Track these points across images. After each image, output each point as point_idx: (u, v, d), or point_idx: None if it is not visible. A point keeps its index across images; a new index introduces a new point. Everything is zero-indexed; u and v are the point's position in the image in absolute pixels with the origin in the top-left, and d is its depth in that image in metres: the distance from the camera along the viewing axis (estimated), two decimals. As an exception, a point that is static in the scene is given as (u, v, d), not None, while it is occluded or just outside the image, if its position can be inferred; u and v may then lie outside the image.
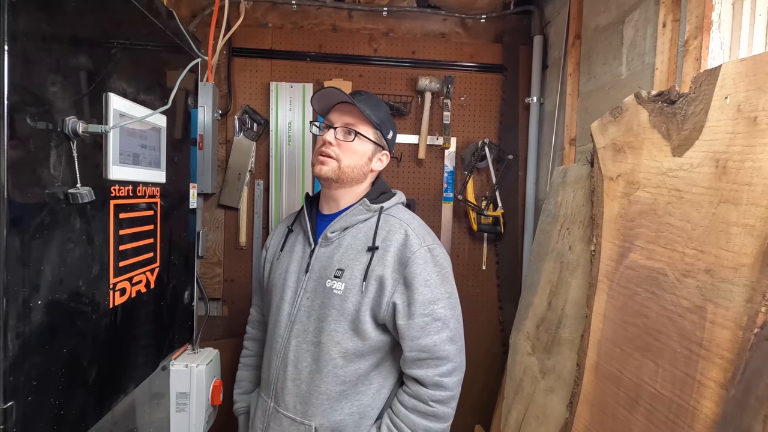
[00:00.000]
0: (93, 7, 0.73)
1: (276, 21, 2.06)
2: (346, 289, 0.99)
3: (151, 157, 0.93)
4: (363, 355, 1.01)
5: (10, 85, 0.56)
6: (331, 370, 0.99)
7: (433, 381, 0.97)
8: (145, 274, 0.94)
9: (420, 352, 0.97)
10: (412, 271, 0.98)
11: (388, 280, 0.98)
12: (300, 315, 1.04)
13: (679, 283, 0.85)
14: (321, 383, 0.99)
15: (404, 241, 1.00)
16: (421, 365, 0.98)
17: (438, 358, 0.97)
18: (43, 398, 0.65)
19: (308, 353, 1.01)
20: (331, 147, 1.05)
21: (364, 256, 1.01)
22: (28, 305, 0.61)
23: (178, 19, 1.04)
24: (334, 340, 0.99)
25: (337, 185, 1.08)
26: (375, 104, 1.13)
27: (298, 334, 1.03)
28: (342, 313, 0.99)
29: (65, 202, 0.67)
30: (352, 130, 1.07)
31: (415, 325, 0.96)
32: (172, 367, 1.16)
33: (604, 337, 1.01)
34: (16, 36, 0.57)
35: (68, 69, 0.67)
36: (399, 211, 1.10)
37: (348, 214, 1.06)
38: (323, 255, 1.06)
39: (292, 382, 1.02)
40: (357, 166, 1.07)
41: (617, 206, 1.06)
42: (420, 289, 0.97)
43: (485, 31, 2.13)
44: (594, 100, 1.61)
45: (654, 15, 1.30)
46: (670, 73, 1.21)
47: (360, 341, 1.00)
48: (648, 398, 0.87)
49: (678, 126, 0.95)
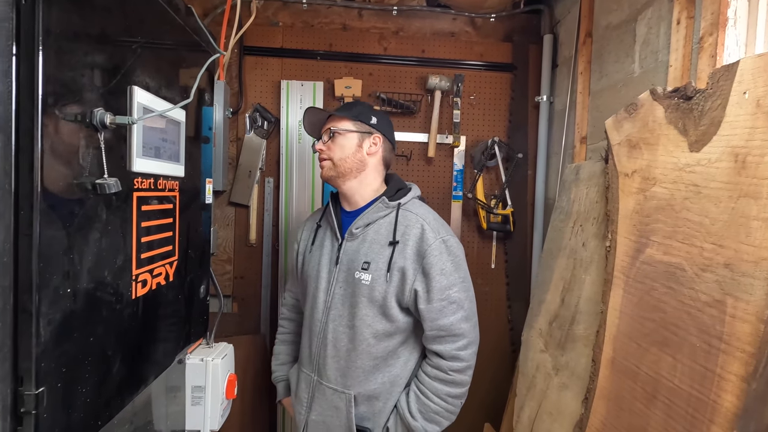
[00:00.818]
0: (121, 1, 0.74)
1: (287, 20, 2.07)
2: (373, 279, 1.14)
3: (171, 150, 0.94)
4: (391, 335, 1.16)
5: (44, 76, 0.57)
6: (364, 348, 1.15)
7: (451, 354, 1.12)
8: (165, 267, 0.95)
9: (439, 331, 1.12)
10: (429, 262, 1.11)
11: (409, 271, 1.12)
12: (335, 302, 1.19)
13: (698, 278, 0.85)
14: (357, 359, 1.16)
15: (421, 235, 1.14)
16: (441, 342, 1.13)
17: (454, 335, 1.12)
18: (71, 385, 0.65)
19: (344, 335, 1.17)
20: (323, 152, 1.22)
21: (386, 249, 1.15)
22: (59, 292, 0.62)
23: (196, 15, 1.05)
24: (365, 324, 1.15)
25: (341, 180, 1.22)
26: (350, 106, 1.30)
27: (335, 319, 1.19)
28: (371, 301, 1.14)
29: (93, 192, 0.68)
30: (331, 130, 1.22)
31: (433, 309, 1.11)
32: (188, 361, 1.17)
33: (620, 332, 1.01)
34: (50, 29, 0.58)
35: (96, 62, 0.69)
36: (415, 206, 1.21)
37: (369, 211, 1.20)
38: (350, 249, 1.20)
39: (332, 359, 1.18)
40: (348, 156, 1.20)
41: (633, 202, 1.06)
42: (437, 278, 1.11)
43: (495, 30, 2.13)
44: (606, 98, 1.62)
45: (668, 13, 1.30)
46: (685, 70, 1.21)
47: (388, 323, 1.15)
48: (666, 393, 0.87)
49: (695, 121, 0.95)
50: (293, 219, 2.03)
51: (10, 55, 0.54)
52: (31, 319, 0.57)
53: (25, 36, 0.56)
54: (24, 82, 0.56)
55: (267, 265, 2.05)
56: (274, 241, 2.05)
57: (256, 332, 2.07)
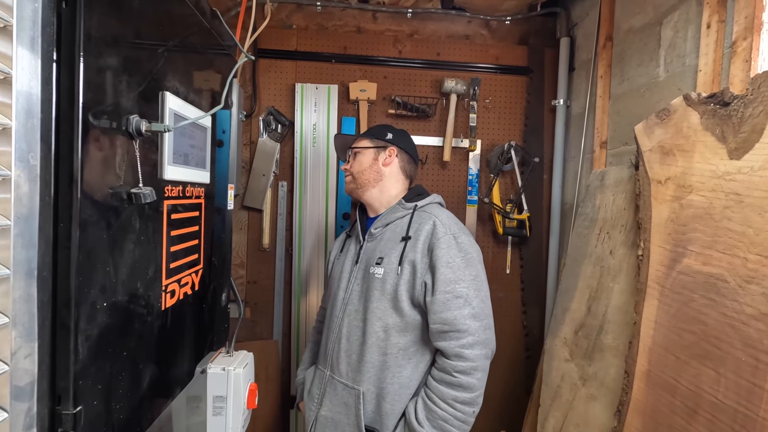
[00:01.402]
0: (154, 5, 0.72)
1: (300, 22, 2.05)
2: (385, 273, 1.17)
3: (198, 157, 0.92)
4: (401, 331, 1.16)
5: (85, 82, 0.55)
6: (374, 341, 1.16)
7: (455, 352, 1.08)
8: (191, 276, 0.93)
9: (443, 325, 1.10)
10: (437, 255, 1.12)
11: (419, 264, 1.14)
12: (352, 298, 1.24)
13: (742, 290, 0.83)
14: (367, 353, 1.17)
15: (432, 230, 1.17)
16: (444, 337, 1.10)
17: (458, 330, 1.08)
18: (107, 403, 0.63)
19: (358, 329, 1.20)
20: (348, 171, 1.34)
21: (399, 245, 1.20)
22: (96, 307, 0.60)
23: (221, 18, 1.03)
24: (376, 316, 1.17)
25: (361, 190, 1.32)
26: (370, 128, 1.41)
27: (350, 314, 1.22)
28: (383, 293, 1.17)
29: (128, 202, 0.66)
30: (350, 150, 1.35)
31: (437, 301, 1.10)
32: (210, 371, 1.14)
33: (655, 344, 0.99)
34: (90, 34, 0.56)
35: (131, 67, 0.66)
36: (432, 207, 1.26)
37: (388, 212, 1.28)
38: (369, 248, 1.27)
39: (345, 353, 1.21)
40: (365, 168, 1.31)
41: (667, 210, 1.04)
42: (442, 270, 1.11)
43: (510, 33, 2.11)
44: (627, 102, 1.59)
45: (696, 16, 1.28)
46: (716, 74, 1.19)
47: (398, 317, 1.16)
48: (709, 408, 0.85)
49: (734, 128, 0.93)
50: (307, 223, 2.00)
51: (51, 62, 0.52)
52: (69, 336, 0.55)
53: (66, 41, 0.54)
54: (64, 89, 0.54)
55: (280, 269, 2.03)
56: (288, 245, 2.03)
57: (269, 338, 2.05)
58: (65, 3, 0.53)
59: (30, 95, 0.49)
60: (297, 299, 2.02)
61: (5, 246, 0.47)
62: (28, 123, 0.49)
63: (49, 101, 0.52)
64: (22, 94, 0.48)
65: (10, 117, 0.47)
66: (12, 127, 0.47)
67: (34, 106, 0.50)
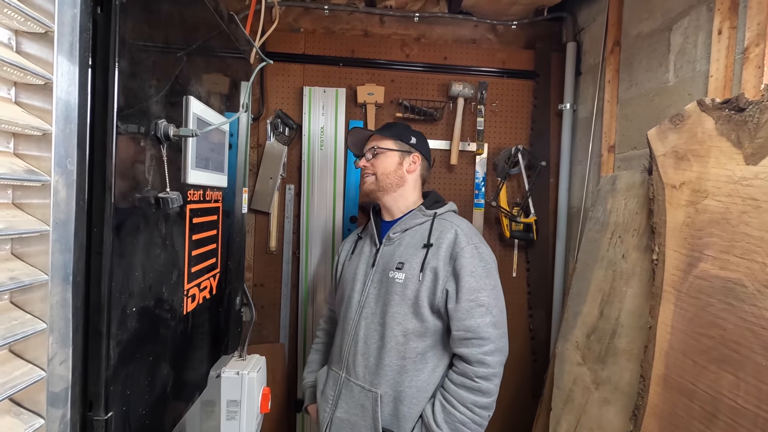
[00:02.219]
0: (180, 9, 0.72)
1: (308, 26, 2.06)
2: (407, 278, 1.18)
3: (217, 161, 0.92)
4: (420, 335, 1.17)
5: (119, 87, 0.55)
6: (393, 345, 1.17)
7: (477, 358, 1.11)
8: (210, 280, 0.93)
9: (465, 332, 1.13)
10: (460, 264, 1.15)
11: (441, 272, 1.16)
12: (368, 301, 1.24)
13: (761, 295, 0.84)
14: (386, 356, 1.17)
15: (454, 239, 1.19)
16: (467, 344, 1.13)
17: (481, 338, 1.12)
18: (135, 408, 0.63)
19: (376, 332, 1.21)
20: (366, 168, 1.31)
21: (420, 251, 1.21)
22: (126, 312, 0.59)
23: (239, 22, 1.03)
24: (396, 320, 1.18)
25: (381, 193, 1.30)
26: (389, 126, 1.38)
27: (367, 317, 1.23)
28: (403, 298, 1.18)
29: (156, 206, 0.66)
30: (375, 148, 1.31)
31: (461, 308, 1.13)
32: (224, 375, 1.14)
33: (672, 348, 0.99)
34: (125, 39, 0.56)
35: (160, 72, 0.66)
36: (450, 216, 1.29)
37: (408, 218, 1.28)
38: (387, 252, 1.27)
39: (362, 356, 1.21)
40: (390, 172, 1.29)
41: (682, 215, 1.04)
42: (466, 278, 1.14)
43: (516, 37, 2.13)
44: (635, 107, 1.60)
45: (706, 22, 1.29)
46: (727, 80, 1.20)
47: (418, 322, 1.17)
48: (728, 412, 0.85)
49: (750, 134, 0.93)
50: (314, 226, 2.00)
51: (87, 67, 0.52)
52: (101, 341, 0.55)
53: (101, 46, 0.54)
54: (99, 95, 0.54)
55: (287, 272, 2.03)
56: (295, 248, 2.02)
57: (276, 341, 2.04)
58: (101, 8, 0.53)
59: (68, 101, 0.49)
60: (304, 303, 2.01)
61: (44, 251, 0.47)
62: (66, 128, 0.49)
63: (84, 106, 0.52)
64: (62, 99, 0.48)
65: (50, 123, 0.47)
66: (52, 133, 0.47)
67: (72, 111, 0.50)
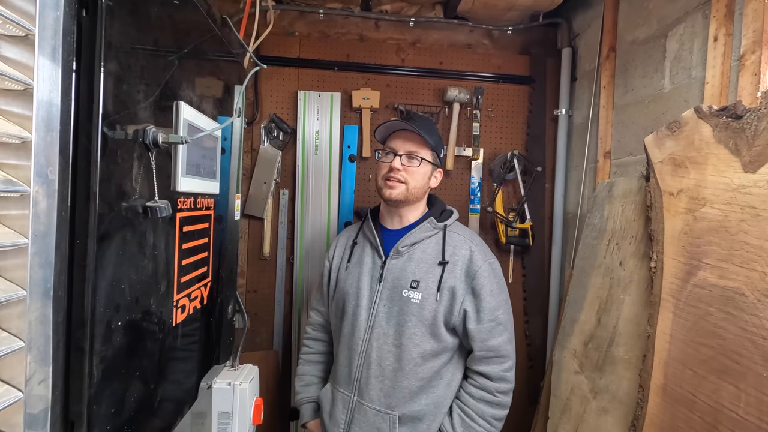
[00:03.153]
0: (171, 12, 0.70)
1: (303, 30, 2.04)
2: (423, 298, 1.15)
3: (209, 167, 0.90)
4: (437, 355, 1.16)
5: (104, 93, 0.53)
6: (412, 368, 1.15)
7: (499, 375, 1.14)
8: (200, 290, 0.90)
9: (488, 352, 1.14)
10: (480, 283, 1.14)
11: (459, 291, 1.14)
12: (379, 320, 1.18)
13: (761, 304, 0.83)
14: (403, 379, 1.15)
15: (470, 257, 1.17)
16: (488, 362, 1.15)
17: (502, 356, 1.14)
18: (120, 427, 0.60)
19: (390, 353, 1.16)
20: (399, 172, 1.18)
21: (436, 269, 1.17)
22: (110, 327, 0.57)
23: (232, 25, 1.01)
24: (414, 342, 1.14)
25: (404, 204, 1.22)
26: (430, 128, 1.25)
27: (379, 337, 1.17)
28: (420, 320, 1.14)
29: (143, 216, 0.63)
30: (416, 156, 1.19)
31: (483, 329, 1.13)
32: (215, 386, 1.11)
33: (671, 357, 0.98)
34: (111, 43, 0.54)
35: (148, 76, 0.64)
36: (459, 227, 1.26)
37: (417, 231, 1.21)
38: (395, 267, 1.20)
39: (376, 378, 1.16)
40: (421, 187, 1.22)
41: (680, 222, 1.04)
42: (487, 299, 1.14)
43: (512, 42, 2.12)
44: (631, 113, 1.60)
45: (702, 29, 1.29)
46: (723, 87, 1.20)
47: (436, 343, 1.15)
48: (729, 424, 0.84)
49: (748, 142, 0.93)
50: (309, 232, 1.98)
51: (71, 72, 0.50)
52: (84, 358, 0.53)
53: (86, 50, 0.51)
54: (83, 100, 0.52)
55: (281, 279, 2.00)
56: (289, 254, 2.00)
57: (269, 348, 2.01)
58: (86, 11, 0.51)
59: (50, 107, 0.47)
60: (298, 309, 1.98)
61: (22, 265, 0.45)
62: (47, 136, 0.47)
63: (67, 113, 0.50)
64: (43, 105, 0.46)
65: (30, 130, 0.44)
66: (32, 141, 0.44)
67: (53, 118, 0.47)
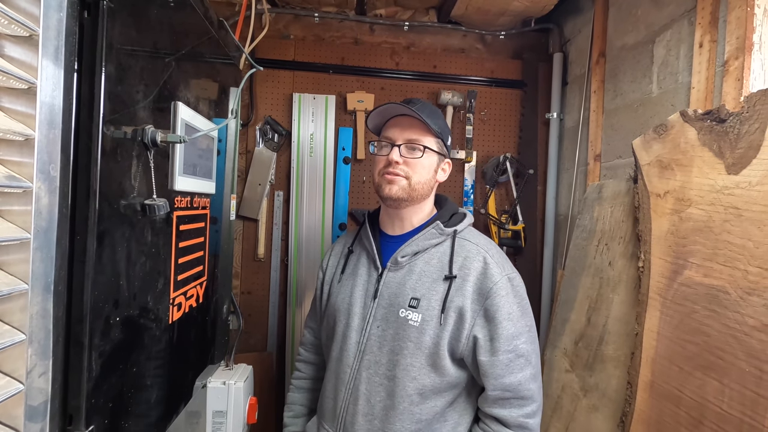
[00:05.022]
0: (169, 14, 0.72)
1: (298, 33, 2.06)
2: (423, 320, 0.93)
3: (205, 167, 0.91)
4: (440, 392, 0.94)
5: (105, 92, 0.54)
6: (406, 407, 0.93)
7: (518, 422, 0.91)
8: (196, 288, 0.91)
9: (504, 392, 0.91)
10: (495, 304, 0.91)
11: (468, 312, 0.92)
12: (370, 345, 0.97)
13: (743, 301, 0.85)
14: (396, 421, 0.93)
15: (484, 270, 0.93)
16: (504, 405, 0.92)
17: (522, 398, 0.92)
18: (117, 421, 0.61)
19: (381, 387, 0.95)
20: (398, 166, 0.97)
21: (441, 285, 0.94)
22: (109, 322, 0.58)
23: (228, 28, 1.03)
24: (410, 375, 0.93)
25: (407, 203, 1.00)
26: (432, 111, 1.01)
27: (369, 366, 0.96)
28: (419, 347, 0.92)
29: (142, 214, 0.65)
30: (418, 145, 0.97)
31: (499, 363, 0.90)
32: (210, 385, 1.11)
33: (658, 354, 1.00)
34: (112, 44, 0.55)
35: (147, 77, 0.66)
36: (473, 234, 1.03)
37: (420, 237, 0.98)
38: (393, 281, 0.99)
39: (363, 417, 0.95)
40: (426, 181, 1.00)
41: (667, 223, 1.06)
42: (504, 324, 0.90)
43: (504, 47, 2.16)
44: (621, 117, 1.64)
45: (688, 36, 1.33)
46: (708, 92, 1.23)
47: (438, 377, 0.93)
48: (714, 418, 0.86)
49: (731, 144, 0.96)
50: (303, 234, 1.99)
51: (73, 71, 0.51)
52: (83, 352, 0.53)
53: (88, 51, 0.53)
54: (85, 99, 0.53)
55: (275, 280, 2.01)
56: (283, 255, 2.01)
57: (263, 350, 2.01)
58: (87, 12, 0.53)
59: (53, 105, 0.48)
60: (292, 311, 1.99)
61: (24, 260, 0.46)
62: (50, 134, 0.48)
63: (69, 111, 0.51)
64: (46, 104, 0.47)
65: (33, 128, 0.45)
66: (35, 138, 0.46)
67: (56, 116, 0.49)
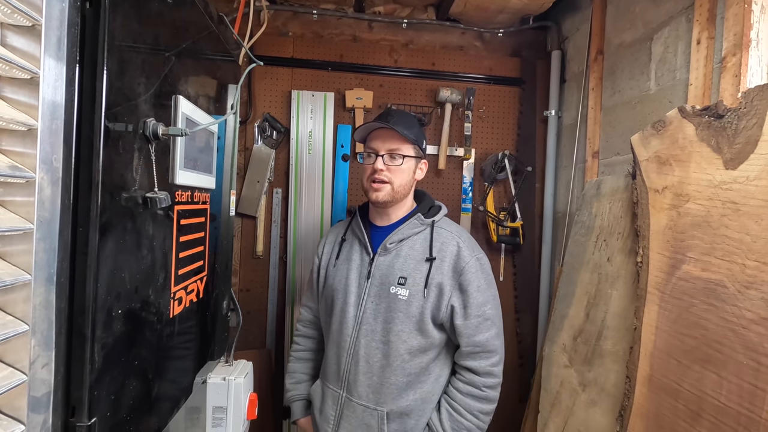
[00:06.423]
0: (171, 8, 0.72)
1: (297, 30, 2.06)
2: (411, 295, 1.15)
3: (206, 162, 0.91)
4: (425, 350, 1.17)
5: (107, 84, 0.54)
6: (399, 364, 1.15)
7: (486, 370, 1.14)
8: (196, 283, 0.91)
9: (474, 347, 1.14)
10: (467, 279, 1.14)
11: (446, 287, 1.14)
12: (366, 317, 1.18)
13: (741, 295, 0.86)
14: (391, 375, 1.15)
15: (457, 252, 1.17)
16: (475, 357, 1.15)
17: (488, 351, 1.15)
18: (119, 414, 0.61)
19: (378, 350, 1.17)
20: (382, 173, 1.17)
21: (423, 265, 1.17)
22: (111, 315, 0.58)
23: (228, 23, 1.03)
24: (401, 339, 1.14)
25: (392, 204, 1.21)
26: (408, 122, 1.22)
27: (367, 334, 1.17)
28: (408, 316, 1.15)
29: (143, 206, 0.64)
30: (397, 154, 1.19)
31: (470, 325, 1.14)
32: (210, 380, 1.11)
33: (657, 348, 1.01)
34: (114, 35, 0.55)
35: (148, 70, 0.66)
36: (447, 223, 1.25)
37: (404, 227, 1.21)
38: (383, 263, 1.20)
39: (364, 375, 1.17)
40: (406, 183, 1.21)
41: (665, 218, 1.07)
42: (474, 294, 1.14)
43: (503, 45, 2.16)
44: (618, 114, 1.64)
45: (686, 32, 1.34)
46: (706, 88, 1.24)
47: (423, 339, 1.16)
48: (712, 411, 0.87)
49: (729, 140, 0.96)
50: (302, 230, 1.99)
51: (75, 63, 0.51)
52: (85, 344, 0.53)
53: (90, 42, 0.53)
54: (87, 91, 0.53)
55: (274, 277, 2.01)
56: (282, 253, 2.01)
57: (262, 347, 2.01)
58: (89, 3, 0.53)
59: (55, 96, 0.48)
60: (291, 308, 1.99)
61: (27, 251, 0.46)
62: (52, 124, 0.48)
63: (71, 102, 0.51)
64: (48, 95, 0.47)
65: (36, 118, 0.45)
66: (38, 129, 0.45)
67: (58, 107, 0.49)
